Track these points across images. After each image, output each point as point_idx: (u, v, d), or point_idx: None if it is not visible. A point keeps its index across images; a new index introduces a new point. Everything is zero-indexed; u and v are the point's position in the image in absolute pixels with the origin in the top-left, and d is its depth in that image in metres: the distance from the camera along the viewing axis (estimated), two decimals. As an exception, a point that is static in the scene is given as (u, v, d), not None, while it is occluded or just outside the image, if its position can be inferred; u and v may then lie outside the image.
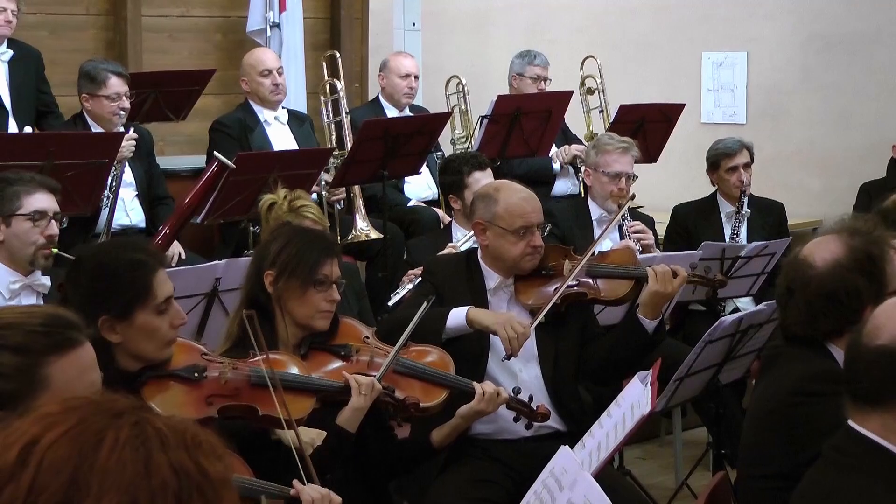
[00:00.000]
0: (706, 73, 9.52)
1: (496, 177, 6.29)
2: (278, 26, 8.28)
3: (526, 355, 4.52)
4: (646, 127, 7.80)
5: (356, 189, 7.10)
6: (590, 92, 8.64)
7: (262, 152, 6.91)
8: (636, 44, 9.70)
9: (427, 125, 7.05)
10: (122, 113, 6.58)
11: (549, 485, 3.18)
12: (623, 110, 7.83)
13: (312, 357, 4.00)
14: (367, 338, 4.14)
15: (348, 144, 7.35)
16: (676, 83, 9.42)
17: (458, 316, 4.49)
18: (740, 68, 9.39)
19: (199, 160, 7.40)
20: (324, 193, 6.95)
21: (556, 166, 8.04)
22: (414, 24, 9.75)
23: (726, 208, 6.90)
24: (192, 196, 5.90)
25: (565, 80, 8.44)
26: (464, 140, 8.16)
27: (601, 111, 8.55)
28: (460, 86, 8.36)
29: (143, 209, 6.75)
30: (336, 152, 7.26)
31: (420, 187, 7.80)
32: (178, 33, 8.39)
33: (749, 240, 6.65)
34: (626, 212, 6.21)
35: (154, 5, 8.23)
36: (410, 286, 5.81)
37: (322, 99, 7.86)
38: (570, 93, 7.82)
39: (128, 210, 6.66)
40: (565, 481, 3.10)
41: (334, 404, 3.82)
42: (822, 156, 9.08)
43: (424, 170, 7.42)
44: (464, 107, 8.33)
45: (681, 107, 8.04)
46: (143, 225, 6.71)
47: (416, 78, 8.08)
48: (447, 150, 8.10)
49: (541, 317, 4.52)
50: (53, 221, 4.79)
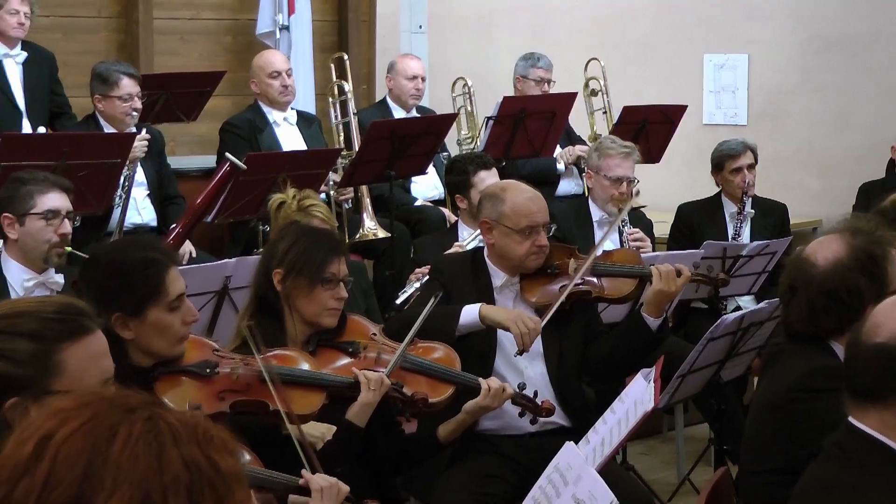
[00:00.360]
0: (708, 75, 9.50)
1: (501, 177, 6.29)
2: (287, 29, 8.29)
3: (531, 353, 4.53)
4: (648, 128, 7.79)
5: (364, 189, 7.10)
6: (593, 93, 8.64)
7: (272, 153, 6.91)
8: (639, 46, 9.69)
9: (433, 126, 7.05)
10: (134, 114, 6.59)
11: (553, 480, 3.17)
12: (626, 112, 7.83)
13: (321, 354, 4.00)
14: (375, 335, 4.14)
15: (356, 145, 7.35)
16: (678, 85, 9.41)
17: (470, 313, 4.51)
18: (741, 70, 9.38)
19: (209, 160, 7.41)
20: (332, 193, 6.96)
21: (561, 167, 8.03)
22: (420, 27, 9.76)
23: (730, 208, 6.88)
24: (204, 196, 5.90)
25: (569, 81, 8.43)
26: (469, 141, 8.16)
27: (604, 112, 8.54)
28: (466, 87, 8.36)
29: (155, 208, 6.76)
30: (344, 153, 7.27)
31: (426, 187, 7.80)
32: (188, 36, 8.40)
33: (752, 240, 6.64)
34: (626, 217, 6.21)
35: (165, 8, 8.23)
36: (417, 284, 5.81)
37: (330, 100, 7.87)
38: (574, 94, 7.81)
39: (139, 209, 6.66)
40: (570, 476, 3.10)
41: (343, 400, 3.83)
42: (821, 156, 9.06)
43: (431, 170, 7.43)
44: (469, 108, 8.33)
45: (683, 108, 8.03)
46: (154, 224, 6.72)
47: (423, 80, 8.08)
48: (453, 150, 8.10)
49: (549, 315, 4.53)
50: (66, 220, 4.79)
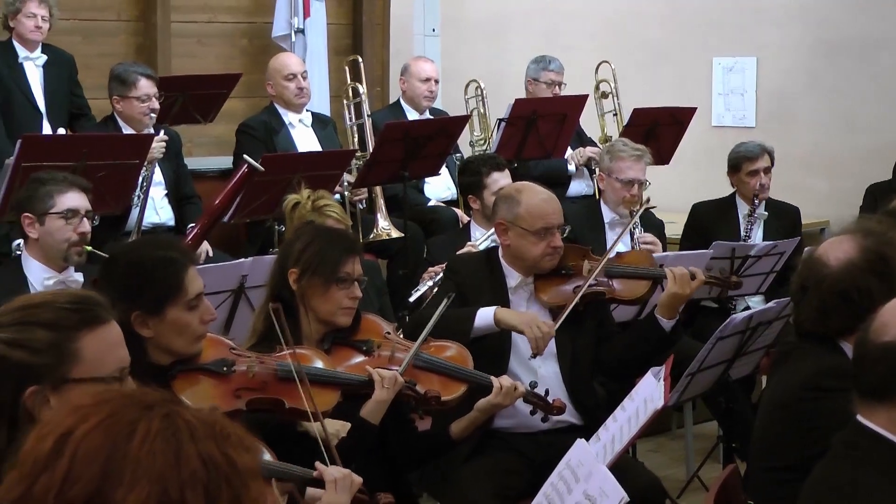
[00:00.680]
0: (717, 78, 9.49)
1: (513, 178, 6.28)
2: (302, 32, 8.28)
3: (545, 352, 4.53)
4: (658, 130, 7.77)
5: (378, 189, 7.10)
6: (604, 96, 8.62)
7: (287, 154, 6.91)
8: (649, 49, 9.67)
9: (446, 127, 7.04)
10: (151, 114, 6.60)
11: (565, 476, 3.17)
12: (636, 114, 7.81)
13: (335, 352, 4.00)
14: (388, 333, 4.14)
15: (370, 146, 7.35)
16: (688, 87, 9.39)
17: (485, 316, 4.52)
18: (750, 73, 9.36)
19: (226, 161, 7.42)
20: (346, 193, 6.95)
21: (572, 168, 8.02)
22: (434, 30, 9.75)
23: (744, 209, 6.83)
24: (222, 197, 5.91)
25: (580, 84, 8.42)
26: (482, 142, 8.15)
27: (615, 115, 8.53)
28: (479, 90, 8.35)
29: (172, 208, 6.76)
30: (358, 154, 7.27)
31: (439, 188, 7.80)
32: (205, 38, 8.40)
33: (765, 241, 6.61)
34: (638, 219, 6.20)
35: (183, 11, 8.24)
36: (430, 283, 5.80)
37: (345, 102, 7.86)
38: (585, 97, 7.80)
39: (157, 209, 6.67)
40: (581, 473, 3.10)
41: (357, 397, 3.82)
42: (828, 158, 9.04)
43: (444, 171, 7.42)
44: (482, 110, 8.32)
45: (692, 110, 8.02)
46: (172, 223, 6.73)
47: (436, 82, 8.07)
48: (466, 151, 8.09)
49: (564, 317, 4.53)
50: (85, 219, 4.80)
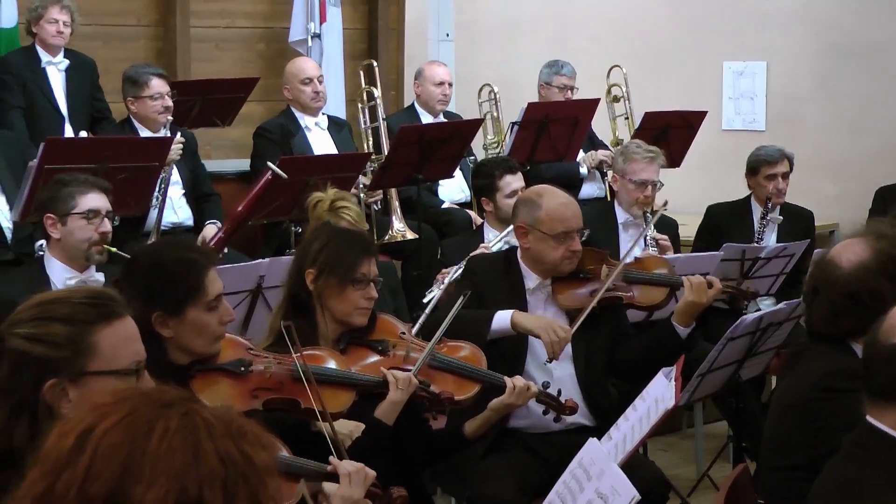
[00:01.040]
0: (727, 82, 9.47)
1: (526, 180, 6.28)
2: (319, 37, 8.29)
3: (561, 354, 4.53)
4: (669, 133, 7.76)
5: (392, 191, 7.10)
6: (615, 100, 8.62)
7: (304, 156, 6.92)
8: (660, 54, 9.66)
9: (460, 131, 7.04)
10: (166, 112, 6.60)
11: (577, 475, 3.17)
12: (647, 117, 7.80)
13: (351, 352, 3.99)
14: (403, 333, 4.13)
15: (385, 149, 7.35)
16: (698, 91, 9.37)
17: (502, 319, 4.52)
18: (759, 77, 9.34)
19: (243, 164, 7.43)
20: (361, 196, 6.95)
21: (584, 171, 8.02)
22: (447, 35, 9.75)
23: (759, 212, 6.80)
24: (246, 203, 5.93)
25: (592, 88, 8.41)
26: (495, 145, 8.15)
27: (626, 118, 8.52)
28: (492, 93, 8.35)
29: (191, 207, 6.78)
30: (373, 156, 7.27)
31: (453, 190, 7.79)
32: (223, 43, 8.41)
33: (778, 243, 6.58)
34: (650, 216, 6.19)
35: (201, 16, 8.25)
36: (444, 284, 5.80)
37: (360, 106, 7.86)
38: (597, 100, 7.80)
39: (175, 209, 6.69)
40: (593, 471, 3.10)
41: (372, 397, 3.82)
42: (837, 161, 9.02)
43: (457, 173, 7.41)
44: (495, 113, 8.31)
45: (703, 114, 8.00)
46: (190, 223, 6.74)
47: (450, 86, 8.07)
48: (479, 154, 8.09)
49: (580, 321, 4.53)
50: (106, 219, 4.82)
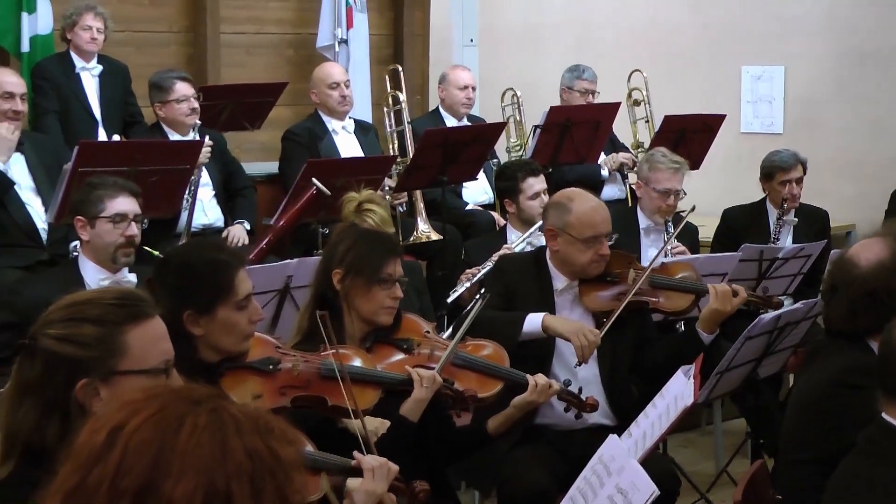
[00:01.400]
0: (745, 86, 9.44)
1: (548, 182, 6.27)
2: (346, 42, 8.30)
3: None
4: (688, 136, 7.74)
5: (417, 193, 7.10)
6: (636, 103, 8.59)
7: (331, 159, 6.92)
8: (680, 58, 9.64)
9: (483, 134, 7.04)
10: (193, 114, 6.62)
11: (597, 471, 3.16)
12: (667, 121, 7.78)
13: (377, 350, 4.00)
14: (428, 332, 4.13)
15: (410, 152, 7.35)
16: (717, 95, 9.35)
17: (534, 322, 4.54)
18: (777, 81, 9.31)
19: (272, 166, 7.44)
20: (387, 197, 6.96)
21: (605, 173, 8.00)
22: (471, 40, 9.73)
23: (775, 214, 6.80)
24: (289, 217, 6.02)
25: (613, 92, 8.39)
26: (518, 148, 8.14)
27: (647, 121, 8.50)
28: (515, 97, 8.34)
29: (221, 207, 6.79)
30: (399, 159, 7.27)
31: (477, 192, 7.79)
32: (253, 49, 8.43)
33: (794, 244, 6.55)
34: (672, 229, 6.18)
35: (231, 23, 8.28)
36: (468, 284, 5.81)
37: (385, 110, 7.87)
38: (618, 104, 7.78)
39: (206, 210, 6.70)
40: (613, 467, 3.09)
41: (398, 394, 3.82)
42: (855, 163, 8.98)
43: (481, 175, 7.41)
44: (518, 117, 8.31)
45: (721, 117, 7.97)
46: (220, 224, 6.75)
47: (474, 90, 8.06)
48: (502, 157, 8.08)
49: (609, 325, 4.54)
50: (133, 223, 4.81)
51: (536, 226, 5.92)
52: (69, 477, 1.52)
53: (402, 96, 7.86)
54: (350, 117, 7.47)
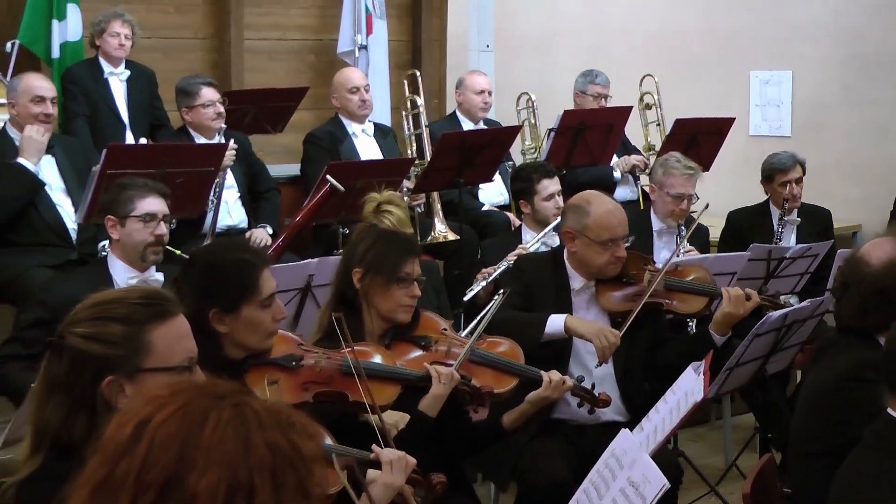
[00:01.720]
0: (754, 90, 9.42)
1: (562, 184, 6.26)
2: (365, 48, 8.30)
3: None
4: (698, 139, 7.72)
5: (435, 195, 7.09)
6: (647, 107, 8.57)
7: (351, 161, 6.93)
8: (690, 64, 9.62)
9: (499, 137, 7.03)
10: (219, 118, 6.63)
11: (610, 464, 3.15)
12: (678, 124, 7.76)
13: (395, 347, 4.00)
14: (445, 330, 4.13)
15: (428, 154, 7.35)
16: (727, 99, 9.33)
17: (556, 324, 4.55)
18: (785, 85, 9.28)
19: (294, 168, 7.45)
20: (405, 199, 6.95)
21: (617, 175, 7.98)
22: (488, 46, 9.74)
23: (777, 215, 6.79)
24: (304, 213, 6.00)
25: (625, 96, 8.38)
26: (533, 151, 8.13)
27: (658, 125, 8.48)
28: (530, 101, 8.33)
29: (245, 209, 6.80)
30: (417, 162, 7.27)
31: (493, 193, 7.78)
32: (275, 54, 8.44)
33: (798, 243, 6.53)
34: (684, 230, 6.17)
35: (255, 29, 8.28)
36: (484, 283, 5.80)
37: (404, 113, 7.87)
38: (630, 108, 7.77)
39: (231, 211, 6.71)
40: (625, 461, 3.08)
41: (416, 390, 3.82)
42: (861, 166, 8.94)
43: (497, 177, 7.40)
44: (533, 121, 8.29)
45: (731, 121, 7.95)
46: (244, 225, 6.75)
47: (490, 94, 8.05)
48: (518, 159, 8.07)
49: (626, 326, 4.54)
50: (162, 223, 4.83)
51: (551, 226, 5.92)
52: (97, 470, 1.52)
53: (420, 100, 7.86)
54: (370, 121, 7.47)
